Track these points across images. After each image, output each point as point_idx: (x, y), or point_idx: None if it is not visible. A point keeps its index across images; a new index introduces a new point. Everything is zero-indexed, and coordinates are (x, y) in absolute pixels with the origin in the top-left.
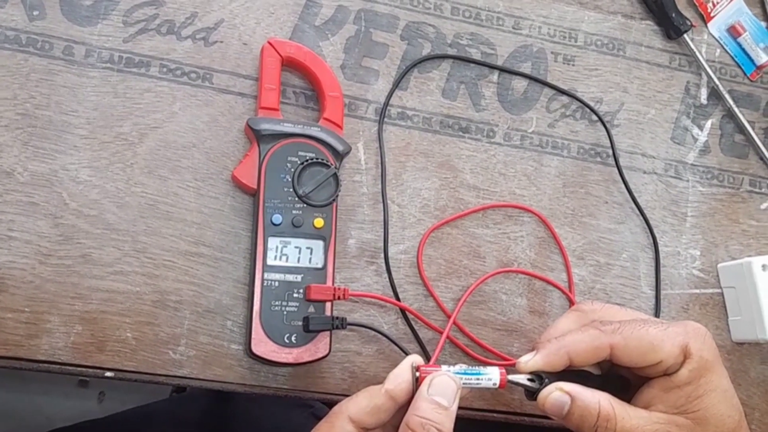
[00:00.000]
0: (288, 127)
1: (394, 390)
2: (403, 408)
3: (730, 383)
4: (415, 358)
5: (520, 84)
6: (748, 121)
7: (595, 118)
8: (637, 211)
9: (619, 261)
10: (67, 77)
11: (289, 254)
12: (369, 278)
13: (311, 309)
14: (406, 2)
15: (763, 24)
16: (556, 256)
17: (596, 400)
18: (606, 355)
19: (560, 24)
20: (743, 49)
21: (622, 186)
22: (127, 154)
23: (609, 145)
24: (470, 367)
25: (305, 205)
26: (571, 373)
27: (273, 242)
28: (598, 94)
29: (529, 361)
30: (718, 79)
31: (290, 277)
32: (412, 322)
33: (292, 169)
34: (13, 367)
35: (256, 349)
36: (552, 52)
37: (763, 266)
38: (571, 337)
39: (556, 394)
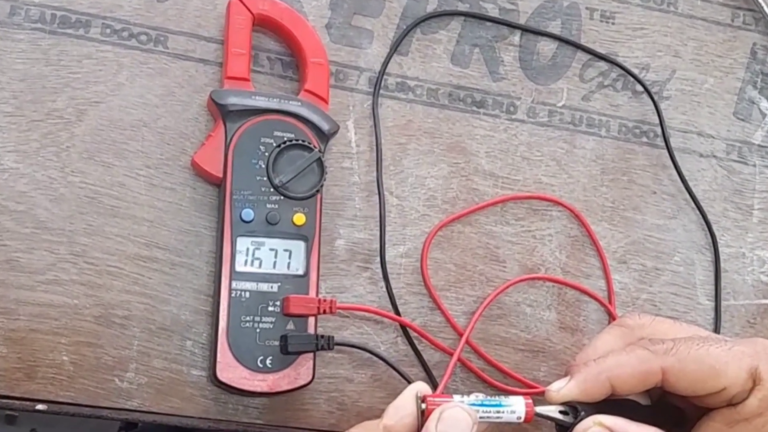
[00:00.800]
0: (261, 102)
1: (394, 426)
2: None
3: None
4: (421, 387)
5: (547, 47)
6: None
7: (640, 88)
8: (693, 204)
9: (669, 265)
10: None
11: (263, 258)
12: (362, 287)
13: (290, 326)
14: None
15: None
16: (592, 259)
17: None
18: (656, 380)
19: None
20: None
21: (674, 172)
22: (63, 135)
23: (657, 122)
24: (488, 397)
25: (282, 198)
26: (613, 404)
27: (243, 243)
28: (643, 59)
29: (562, 389)
30: None
31: (264, 287)
32: (416, 342)
33: (267, 153)
34: None
35: (223, 375)
36: (587, 8)
37: None
38: (614, 359)
39: (595, 430)
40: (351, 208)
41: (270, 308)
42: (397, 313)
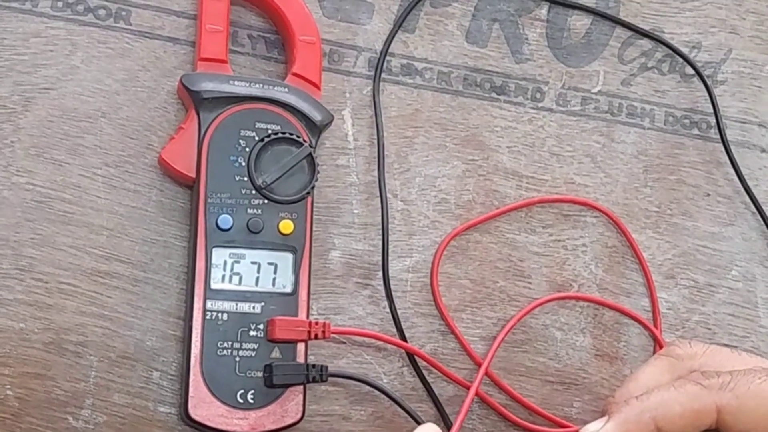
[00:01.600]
0: (241, 88)
1: None
2: None
3: None
4: (431, 429)
5: (580, 22)
6: None
7: (690, 71)
8: (753, 208)
9: (726, 281)
10: None
11: (244, 273)
12: (361, 308)
13: (276, 353)
14: None
15: None
16: (634, 274)
17: None
18: (711, 421)
19: None
20: None
21: (731, 171)
22: (6, 128)
23: (711, 110)
24: None
25: (266, 202)
26: None
27: (219, 256)
28: (694, 36)
29: (599, 430)
30: None
31: (245, 307)
32: (425, 372)
33: (248, 149)
34: None
35: (196, 412)
36: None
37: None
38: (660, 395)
39: None
40: (348, 214)
41: (252, 333)
42: (403, 338)
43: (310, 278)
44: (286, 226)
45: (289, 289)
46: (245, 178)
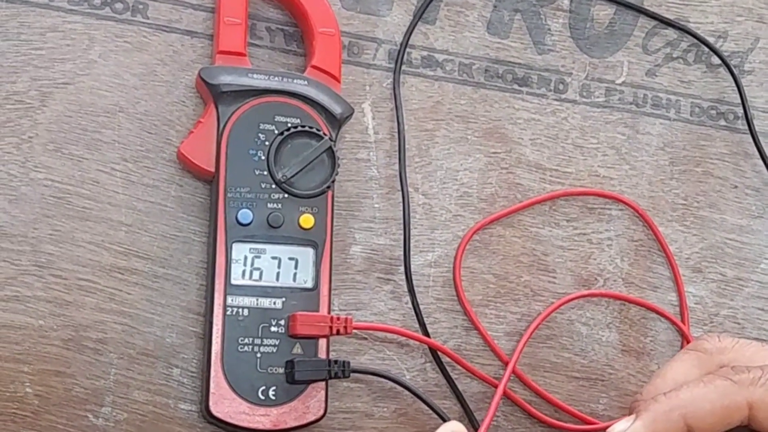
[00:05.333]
0: (260, 81)
1: None
2: None
3: None
4: (455, 428)
5: (603, 12)
6: None
7: (716, 61)
8: None
9: (755, 274)
10: None
11: (264, 268)
12: (382, 303)
13: (297, 349)
14: None
15: None
16: (660, 267)
17: None
18: (742, 417)
19: None
20: None
21: (759, 162)
22: (24, 123)
23: (738, 101)
24: None
25: (287, 196)
26: None
27: (240, 251)
28: (720, 25)
29: (627, 429)
30: None
31: (266, 303)
32: (448, 368)
33: (267, 143)
34: None
35: (217, 409)
36: None
37: None
38: (689, 392)
39: None
40: (369, 208)
41: (273, 328)
42: (426, 333)
43: (331, 273)
44: (307, 220)
45: (310, 285)
46: (265, 172)
